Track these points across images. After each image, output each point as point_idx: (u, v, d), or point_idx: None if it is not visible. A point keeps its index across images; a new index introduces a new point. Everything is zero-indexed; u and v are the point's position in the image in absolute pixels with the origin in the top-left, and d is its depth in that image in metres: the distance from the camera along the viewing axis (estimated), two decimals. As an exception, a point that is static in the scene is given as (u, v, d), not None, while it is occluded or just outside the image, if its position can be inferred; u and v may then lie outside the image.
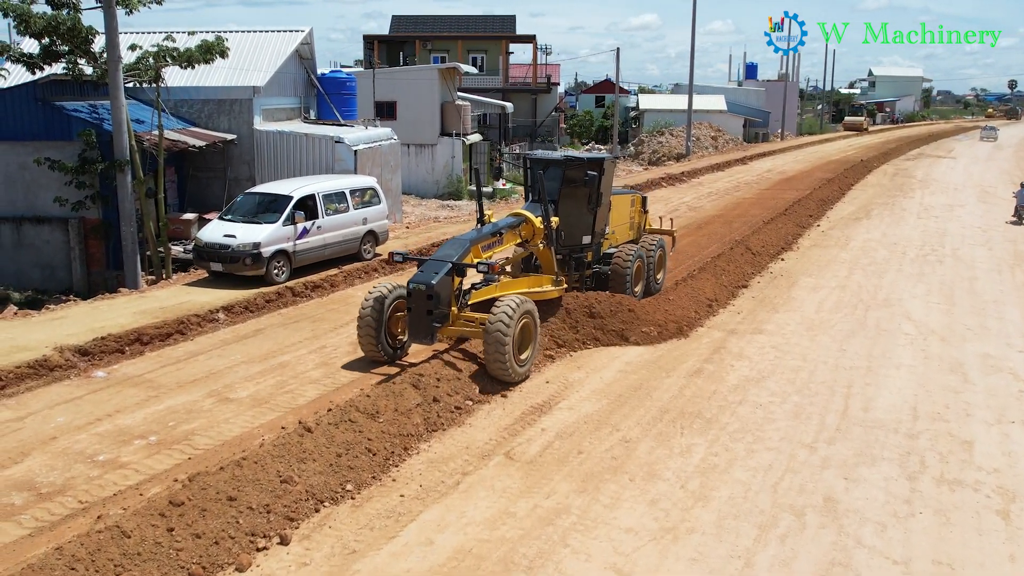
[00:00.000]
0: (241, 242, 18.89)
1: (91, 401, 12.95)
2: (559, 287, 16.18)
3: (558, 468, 11.01)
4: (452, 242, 14.27)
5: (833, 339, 16.96)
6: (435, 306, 12.93)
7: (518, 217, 15.62)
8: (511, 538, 9.26)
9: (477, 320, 13.67)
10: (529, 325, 13.82)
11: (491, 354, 13.10)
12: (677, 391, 13.88)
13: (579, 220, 16.82)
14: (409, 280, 13.19)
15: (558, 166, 16.75)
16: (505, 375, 13.34)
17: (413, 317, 13.09)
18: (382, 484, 10.47)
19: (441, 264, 13.28)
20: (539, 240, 15.74)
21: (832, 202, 36.98)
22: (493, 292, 14.55)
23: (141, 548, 8.38)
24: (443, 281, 13.06)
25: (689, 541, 9.32)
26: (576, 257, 17.26)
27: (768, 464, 11.27)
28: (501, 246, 15.11)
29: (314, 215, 20.11)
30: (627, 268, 17.32)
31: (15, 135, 21.19)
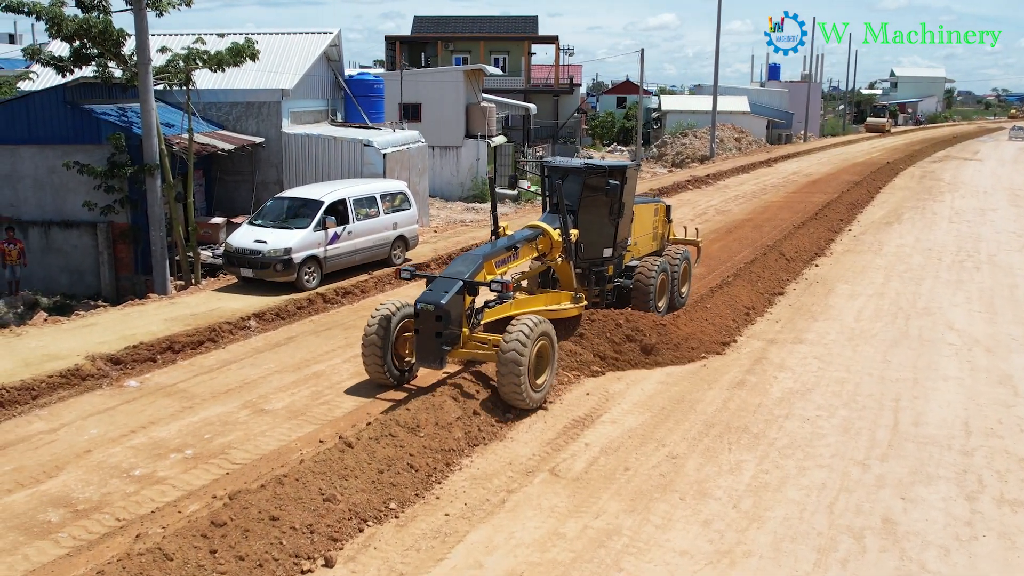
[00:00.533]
0: (272, 248, 18.65)
1: (124, 412, 12.75)
2: (579, 304, 15.23)
3: (605, 486, 10.70)
4: (463, 258, 13.40)
5: (876, 349, 16.55)
6: (445, 328, 12.10)
7: (535, 229, 14.70)
8: (563, 561, 8.95)
9: (490, 342, 12.74)
10: (546, 347, 12.86)
11: (505, 379, 12.18)
12: (721, 404, 13.53)
13: (600, 232, 16.01)
14: (417, 299, 12.34)
15: (578, 174, 15.89)
16: (520, 402, 12.40)
17: (421, 340, 12.28)
18: (426, 502, 10.19)
19: (451, 282, 12.42)
20: (557, 254, 14.91)
21: (862, 205, 36.45)
22: (508, 310, 13.74)
23: (183, 572, 8.12)
24: (453, 300, 12.21)
25: (747, 565, 8.98)
26: (597, 271, 16.36)
27: (821, 483, 10.92)
28: (516, 261, 14.22)
29: (344, 220, 19.86)
30: (650, 282, 16.47)
31: (44, 139, 21.06)
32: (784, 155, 58.68)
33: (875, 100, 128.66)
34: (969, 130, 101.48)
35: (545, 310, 14.33)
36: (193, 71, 20.43)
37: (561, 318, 14.82)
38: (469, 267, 12.80)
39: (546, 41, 65.53)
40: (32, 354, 14.41)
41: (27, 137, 21.11)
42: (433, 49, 61.19)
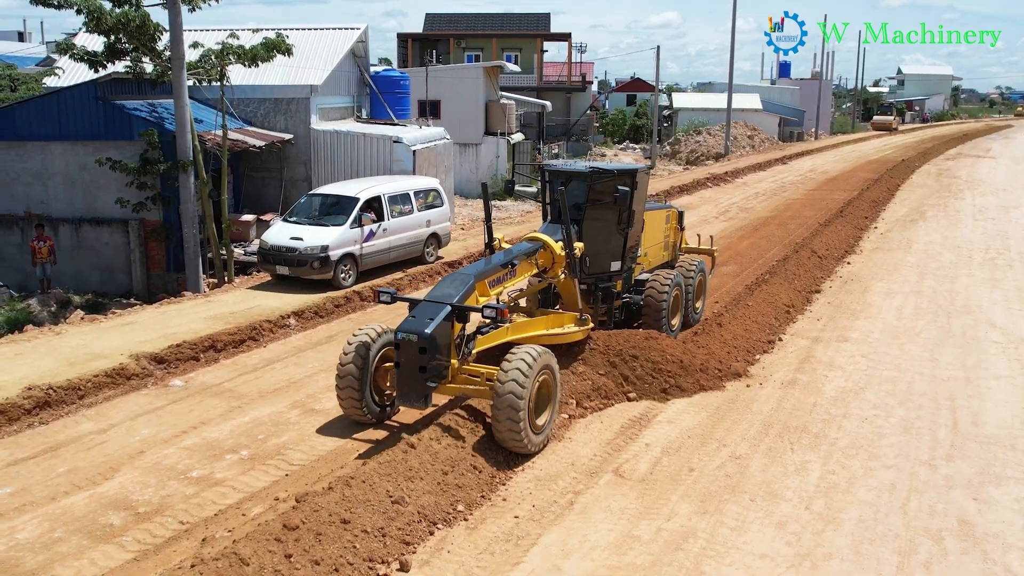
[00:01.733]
0: (309, 245, 18.44)
1: (173, 412, 12.58)
2: (584, 327, 13.59)
3: (672, 487, 10.50)
4: (452, 278, 11.67)
5: (922, 348, 16.34)
6: (430, 360, 10.50)
7: (534, 242, 12.94)
8: (642, 565, 8.75)
9: (484, 375, 11.15)
10: (548, 383, 11.22)
11: (502, 421, 10.53)
12: (776, 403, 13.33)
13: (607, 244, 14.38)
14: (397, 328, 10.67)
15: (582, 180, 14.15)
16: (519, 446, 10.77)
17: (403, 375, 10.65)
18: (493, 504, 10.00)
19: (437, 307, 10.74)
20: (560, 270, 13.14)
21: (883, 203, 36.20)
22: (503, 336, 12.07)
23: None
24: (440, 329, 10.57)
25: (829, 568, 8.79)
26: (603, 287, 14.74)
27: (891, 483, 10.72)
28: (513, 279, 12.49)
29: (380, 217, 19.73)
30: (663, 299, 14.91)
31: (75, 135, 20.88)
32: (798, 153, 58.43)
33: (882, 98, 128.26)
34: (977, 128, 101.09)
35: (547, 334, 12.90)
36: (227, 66, 20.21)
37: (564, 343, 13.35)
38: (458, 289, 11.16)
39: (558, 38, 65.34)
40: (75, 353, 14.23)
41: (58, 133, 20.93)
42: (445, 46, 60.97)
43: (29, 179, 21.24)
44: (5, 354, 14.16)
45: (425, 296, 11.16)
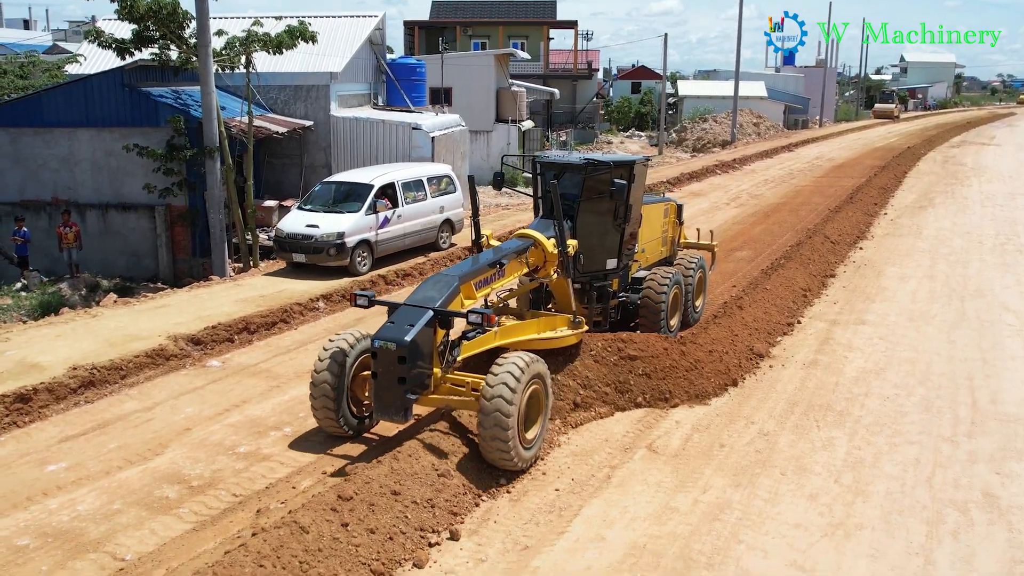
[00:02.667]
0: (325, 232, 18.61)
1: (214, 391, 12.92)
2: (578, 330, 12.64)
3: (705, 462, 10.85)
4: (434, 280, 10.81)
5: (939, 330, 16.68)
6: (410, 371, 9.67)
7: (525, 240, 12.17)
8: (682, 534, 9.10)
9: (469, 384, 10.38)
10: (539, 393, 10.46)
11: (488, 434, 9.78)
12: (799, 383, 13.68)
13: (603, 240, 13.54)
14: (374, 336, 9.85)
15: (576, 172, 13.29)
16: (507, 462, 9.99)
17: (380, 386, 9.81)
18: (533, 478, 10.34)
19: (418, 312, 9.94)
20: (552, 269, 12.35)
21: (891, 190, 36.48)
22: (491, 342, 11.28)
23: (321, 544, 8.26)
24: (421, 336, 9.75)
25: (861, 537, 9.13)
26: (599, 286, 13.81)
27: (915, 458, 11.07)
28: (502, 279, 11.61)
29: (394, 204, 19.90)
30: (661, 298, 14.05)
31: (102, 121, 21.16)
32: (803, 140, 58.66)
33: (885, 86, 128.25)
34: (981, 115, 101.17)
35: (538, 339, 12.06)
36: (252, 54, 20.48)
37: (558, 348, 12.47)
38: (441, 292, 10.34)
39: (564, 26, 65.44)
40: (113, 335, 14.55)
41: (84, 120, 21.21)
42: (452, 34, 61.09)
43: (56, 165, 21.54)
44: (46, 335, 14.50)
45: (405, 300, 10.36)
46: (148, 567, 8.35)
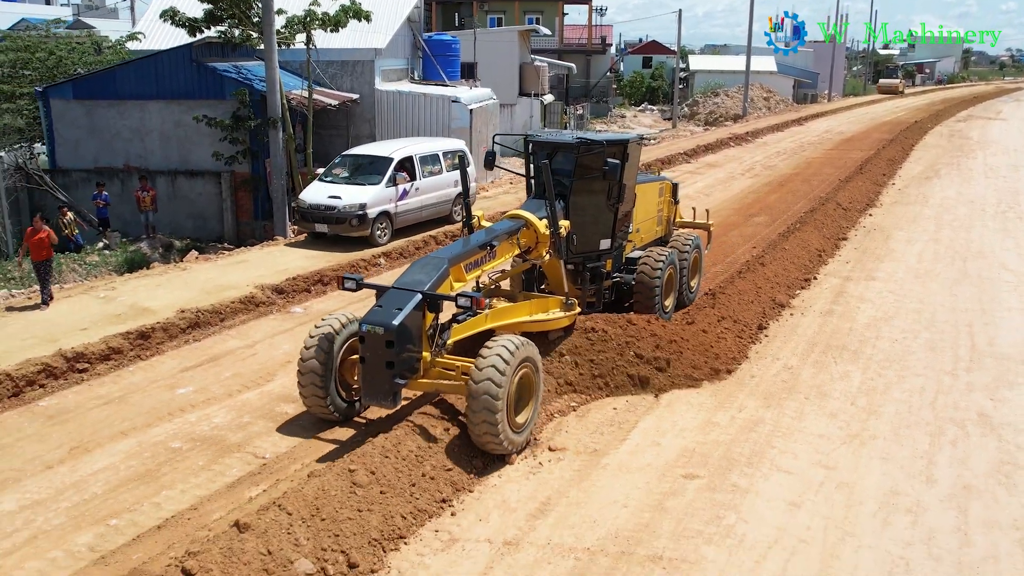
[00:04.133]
0: (347, 203, 19.20)
1: (302, 332, 14.46)
2: (571, 312, 12.60)
3: (738, 388, 12.60)
4: (423, 262, 10.71)
5: (942, 286, 18.35)
6: (398, 355, 9.57)
7: (516, 220, 12.05)
8: (724, 441, 10.87)
9: (459, 368, 10.25)
10: (529, 376, 10.34)
11: (477, 419, 9.67)
12: (817, 328, 15.40)
13: (596, 220, 13.40)
14: (361, 320, 9.79)
15: (569, 152, 13.06)
16: (496, 447, 9.87)
17: (368, 371, 9.74)
18: (594, 398, 12.08)
19: (406, 296, 9.81)
20: (544, 250, 12.22)
21: (899, 162, 38.02)
22: (481, 324, 11.17)
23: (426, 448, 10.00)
24: (410, 319, 9.64)
25: (874, 445, 10.89)
26: (592, 267, 13.68)
27: (920, 387, 12.80)
28: (493, 261, 11.49)
29: (412, 177, 20.56)
30: (656, 278, 13.89)
31: (171, 94, 22.80)
32: (813, 114, 60.08)
33: (893, 60, 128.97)
34: (988, 90, 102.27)
35: (530, 321, 12.01)
36: (312, 31, 22.07)
37: (550, 330, 12.47)
38: (430, 275, 10.20)
39: (579, 1, 66.65)
40: (206, 285, 16.31)
41: (155, 93, 22.86)
42: (468, 10, 62.27)
43: (128, 135, 23.22)
44: (147, 285, 16.29)
45: (393, 283, 10.26)
46: (285, 463, 10.15)
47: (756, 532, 8.82)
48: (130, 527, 8.83)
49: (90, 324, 14.06)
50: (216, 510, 9.07)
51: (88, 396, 12.07)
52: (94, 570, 8.12)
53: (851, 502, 9.47)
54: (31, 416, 11.43)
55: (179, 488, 9.58)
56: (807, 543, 8.66)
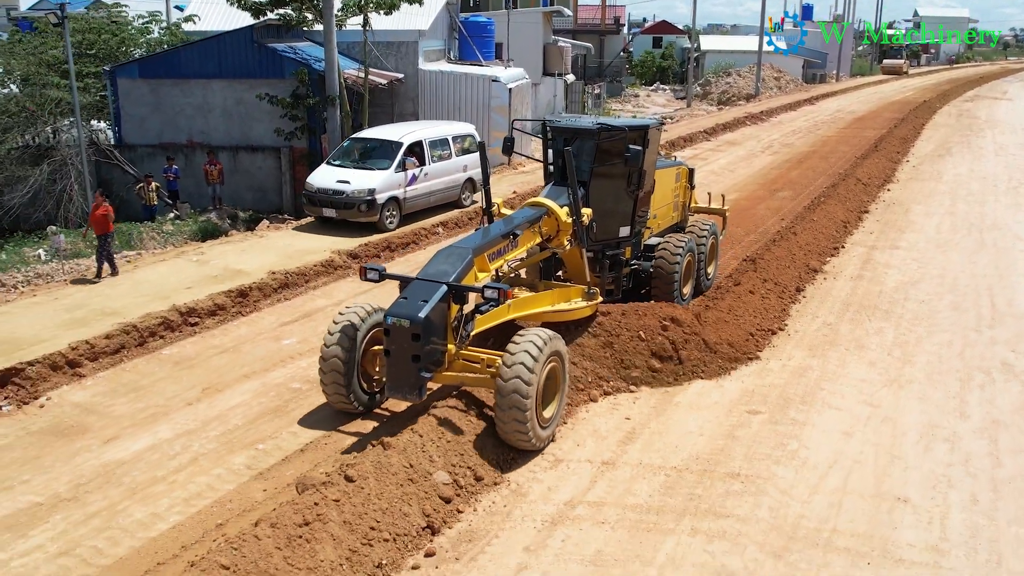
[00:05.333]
0: (356, 188, 18.94)
1: (380, 293, 15.77)
2: (592, 301, 12.47)
3: (784, 341, 13.99)
4: (447, 252, 10.48)
5: (961, 254, 19.71)
6: (424, 348, 9.42)
7: (538, 208, 11.84)
8: (779, 384, 12.28)
9: (484, 361, 10.13)
10: (556, 371, 10.25)
11: (506, 415, 9.56)
12: (849, 291, 16.78)
13: (616, 207, 13.22)
14: (386, 312, 9.64)
15: (589, 137, 12.77)
16: (524, 443, 9.78)
17: (393, 364, 9.61)
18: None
19: (431, 288, 9.67)
20: (565, 238, 12.05)
21: (911, 140, 39.25)
22: (504, 315, 10.94)
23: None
24: (435, 312, 9.50)
25: (911, 388, 12.30)
26: (611, 255, 13.49)
27: (948, 341, 14.20)
28: (515, 250, 11.39)
29: (421, 162, 20.24)
30: (675, 266, 13.85)
31: (233, 73, 24.05)
32: (823, 94, 61.18)
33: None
34: (993, 71, 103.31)
35: (552, 311, 11.83)
36: (368, 13, 23.32)
37: (570, 320, 12.26)
38: (454, 265, 10.06)
39: (593, -18, 67.73)
40: (286, 251, 17.69)
41: (218, 72, 24.11)
42: (486, -10, 63.30)
43: (191, 112, 24.51)
44: (232, 251, 17.68)
45: (417, 274, 10.13)
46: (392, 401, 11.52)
47: (816, 455, 10.25)
48: (276, 450, 10.26)
49: (192, 283, 15.45)
50: (347, 438, 10.48)
51: (204, 346, 13.48)
52: (256, 483, 9.54)
53: (895, 433, 10.89)
54: (159, 362, 12.85)
55: (310, 420, 11.00)
56: (861, 464, 10.08)
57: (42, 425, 10.89)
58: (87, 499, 9.20)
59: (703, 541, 8.55)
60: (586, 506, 9.15)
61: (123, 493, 9.31)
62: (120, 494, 9.29)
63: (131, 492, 9.33)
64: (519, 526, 8.77)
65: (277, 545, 7.66)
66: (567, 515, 8.97)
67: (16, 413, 11.20)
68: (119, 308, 14.14)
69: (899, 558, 8.32)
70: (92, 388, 11.95)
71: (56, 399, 11.60)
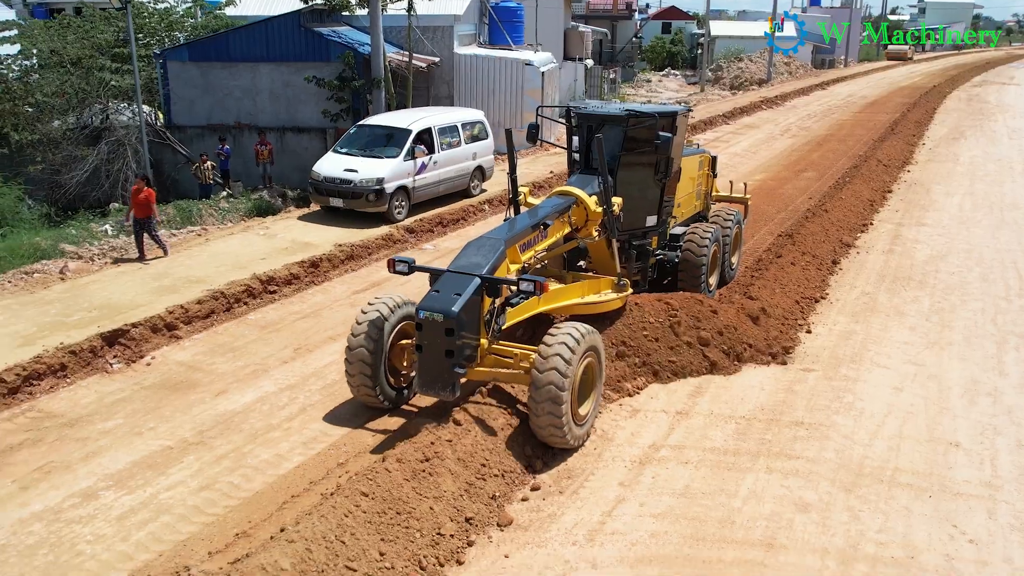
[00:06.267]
0: (364, 177, 18.35)
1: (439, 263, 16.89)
2: (623, 293, 12.06)
3: (828, 308, 14.90)
4: (478, 243, 10.09)
5: (985, 231, 20.59)
6: (456, 343, 9.09)
7: (566, 197, 11.45)
8: (827, 345, 13.19)
9: (517, 356, 9.80)
10: (592, 367, 9.97)
11: (541, 411, 9.29)
12: (883, 263, 17.67)
13: (643, 196, 12.93)
14: (418, 306, 9.29)
15: (617, 124, 12.53)
16: (559, 441, 9.54)
17: (425, 360, 9.25)
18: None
19: (464, 280, 9.33)
20: (594, 228, 11.67)
21: (925, 124, 40.07)
22: (534, 307, 10.62)
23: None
24: (469, 305, 9.18)
25: (951, 349, 13.21)
26: (638, 244, 13.21)
27: (981, 308, 15.10)
28: (545, 241, 11.02)
29: (430, 150, 19.66)
30: (702, 256, 13.62)
31: (280, 57, 24.81)
32: (833, 79, 61.94)
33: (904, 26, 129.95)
34: (999, 56, 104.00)
35: (582, 303, 11.51)
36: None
37: (601, 313, 11.85)
38: (487, 257, 9.68)
39: (605, -33, 68.14)
40: (348, 226, 18.56)
41: (265, 55, 24.88)
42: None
43: (240, 94, 25.31)
44: (295, 225, 18.57)
45: (449, 266, 9.77)
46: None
47: (871, 407, 11.17)
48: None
49: (266, 255, 16.35)
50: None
51: (285, 312, 14.38)
52: (363, 431, 10.38)
53: (941, 388, 11.81)
54: (247, 326, 13.76)
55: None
56: (913, 414, 11.00)
57: (153, 381, 11.80)
58: (213, 443, 10.11)
59: (779, 478, 9.47)
60: (668, 448, 10.08)
61: (244, 438, 10.22)
62: (242, 439, 10.20)
63: (252, 437, 10.24)
64: (611, 465, 9.69)
65: (405, 477, 8.58)
66: (652, 456, 9.90)
67: (126, 370, 12.10)
68: (202, 277, 15.04)
69: (957, 492, 9.24)
70: (191, 349, 12.85)
71: (160, 358, 12.50)
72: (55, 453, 9.91)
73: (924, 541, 8.39)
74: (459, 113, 21.86)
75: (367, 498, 8.19)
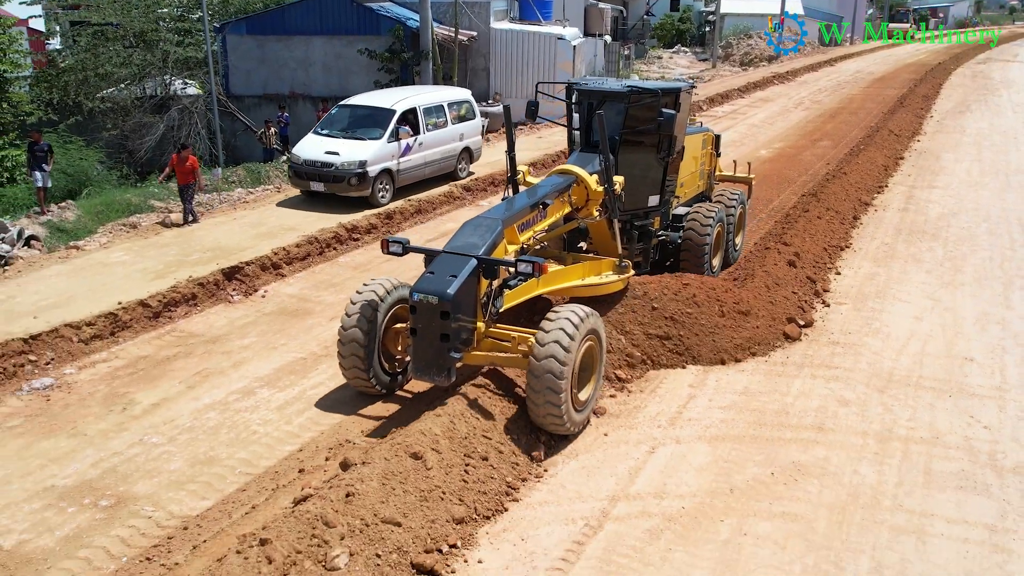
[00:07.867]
0: (345, 160, 17.73)
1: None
2: (624, 275, 11.77)
3: (852, 255, 16.67)
4: (475, 223, 9.85)
5: (992, 193, 22.32)
6: (452, 327, 8.85)
7: (566, 176, 11.17)
8: (855, 284, 14.96)
9: (515, 339, 9.50)
10: (593, 350, 9.66)
11: (539, 397, 8.97)
12: (899, 219, 19.42)
13: (646, 175, 12.63)
14: (412, 288, 9.05)
15: (618, 101, 12.22)
16: (558, 427, 9.23)
17: (420, 344, 9.03)
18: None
19: (460, 261, 9.09)
20: (595, 208, 11.36)
21: (932, 98, 41.67)
22: (533, 290, 10.28)
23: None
24: (465, 287, 8.93)
25: (964, 288, 14.98)
26: (640, 225, 12.94)
27: (989, 256, 16.87)
28: (544, 221, 10.79)
29: (415, 131, 18.99)
30: (705, 237, 13.37)
31: (332, 30, 26.49)
32: (840, 56, 63.46)
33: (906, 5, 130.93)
34: (1002, 35, 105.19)
35: (582, 285, 11.11)
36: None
37: (601, 295, 11.50)
38: (484, 238, 9.46)
39: (617, -54, 69.42)
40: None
41: (318, 29, 26.56)
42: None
43: (294, 65, 26.99)
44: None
45: (444, 247, 9.50)
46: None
47: (896, 331, 12.97)
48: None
49: (342, 208, 18.10)
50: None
51: (370, 256, 16.17)
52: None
53: (956, 318, 13.60)
54: (339, 267, 15.56)
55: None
56: (933, 337, 12.80)
57: (272, 309, 13.59)
58: (338, 356, 11.88)
59: (822, 382, 11.28)
60: (727, 360, 11.89)
61: (364, 352, 11.99)
62: (363, 353, 11.97)
63: (370, 351, 12.01)
64: (680, 374, 11.50)
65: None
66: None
67: (245, 301, 13.90)
68: (294, 225, 16.81)
69: (972, 393, 11.06)
70: (296, 284, 14.65)
71: (272, 291, 14.30)
72: (206, 363, 11.71)
73: (946, 427, 10.20)
74: (445, 92, 21.19)
75: (484, 391, 9.94)
